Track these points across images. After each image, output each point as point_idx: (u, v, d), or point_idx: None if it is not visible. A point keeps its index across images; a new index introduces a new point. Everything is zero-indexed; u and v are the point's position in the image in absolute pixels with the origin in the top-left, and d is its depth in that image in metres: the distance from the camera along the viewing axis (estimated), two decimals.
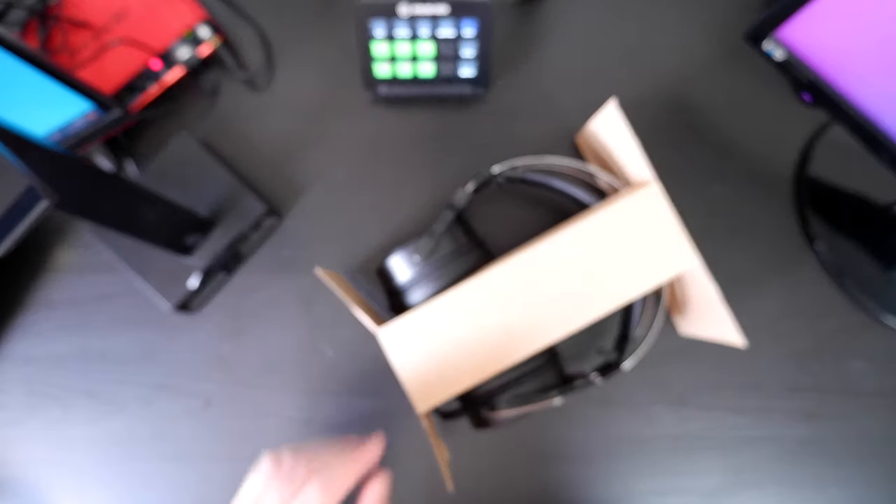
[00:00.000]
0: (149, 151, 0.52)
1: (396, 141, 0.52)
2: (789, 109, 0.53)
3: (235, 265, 0.50)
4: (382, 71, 0.49)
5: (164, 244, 0.44)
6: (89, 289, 0.50)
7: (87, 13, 0.48)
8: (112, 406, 0.48)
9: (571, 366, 0.47)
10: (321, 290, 0.50)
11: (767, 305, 0.50)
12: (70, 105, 0.40)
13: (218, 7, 0.54)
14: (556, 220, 0.47)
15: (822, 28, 0.39)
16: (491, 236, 0.48)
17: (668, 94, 0.53)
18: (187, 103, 0.52)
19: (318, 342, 0.49)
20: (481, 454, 0.48)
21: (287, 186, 0.51)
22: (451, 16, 0.45)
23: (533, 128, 0.52)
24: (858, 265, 0.49)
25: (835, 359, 0.49)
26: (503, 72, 0.53)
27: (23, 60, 0.34)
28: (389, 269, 0.43)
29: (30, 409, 0.48)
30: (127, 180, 0.38)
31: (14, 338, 0.49)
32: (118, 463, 0.48)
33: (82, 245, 0.50)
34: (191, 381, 0.49)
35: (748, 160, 0.52)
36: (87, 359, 0.49)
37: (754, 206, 0.51)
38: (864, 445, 0.48)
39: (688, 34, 0.54)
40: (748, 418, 0.48)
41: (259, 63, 0.53)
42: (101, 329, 0.49)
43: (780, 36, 0.41)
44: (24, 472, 0.48)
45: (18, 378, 0.49)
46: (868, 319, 0.49)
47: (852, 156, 0.48)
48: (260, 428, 0.48)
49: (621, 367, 0.42)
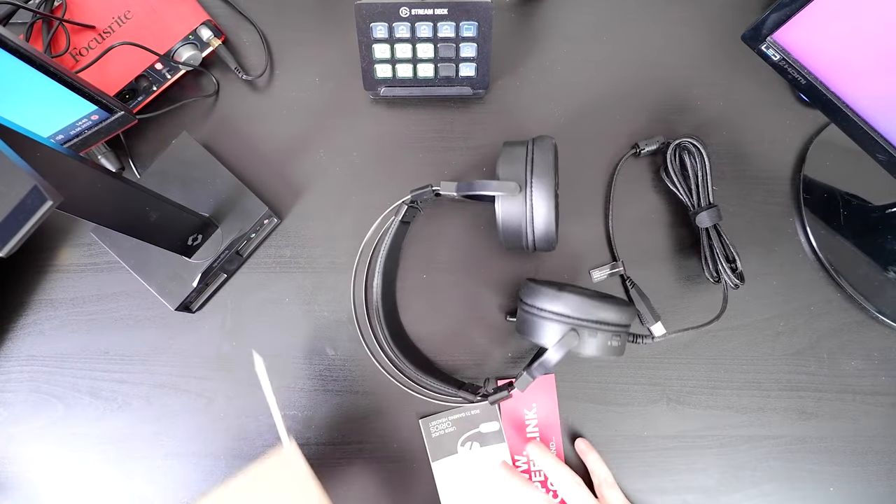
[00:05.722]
0: (150, 152, 0.52)
1: (396, 141, 0.52)
2: (788, 110, 0.53)
3: (236, 265, 0.50)
4: (382, 71, 0.49)
5: (165, 244, 0.44)
6: (91, 288, 0.50)
7: (90, 15, 0.48)
8: (114, 404, 0.49)
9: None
10: (321, 290, 0.50)
11: (765, 305, 0.50)
12: (74, 107, 0.40)
13: (219, 8, 0.54)
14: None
15: (819, 31, 0.39)
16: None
17: (668, 94, 0.53)
18: (188, 104, 0.52)
19: (318, 342, 0.49)
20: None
21: (287, 186, 0.52)
22: (450, 16, 0.45)
23: (533, 128, 0.52)
24: (856, 264, 0.50)
25: (832, 358, 0.49)
26: (503, 72, 0.53)
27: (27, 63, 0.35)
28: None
29: (32, 408, 0.49)
30: (129, 181, 0.38)
31: (17, 336, 0.50)
32: (120, 461, 0.48)
33: (85, 245, 0.51)
34: (192, 379, 0.49)
35: (746, 160, 0.52)
36: (89, 357, 0.49)
37: (752, 205, 0.51)
38: (862, 444, 0.48)
39: (687, 34, 0.54)
40: (747, 417, 0.48)
41: (259, 63, 0.53)
42: (104, 328, 0.50)
43: (778, 38, 0.41)
44: (26, 470, 0.48)
45: (21, 376, 0.49)
46: (865, 318, 0.50)
47: (850, 156, 0.49)
48: (261, 427, 0.48)
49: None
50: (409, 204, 0.47)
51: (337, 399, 0.49)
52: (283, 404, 0.48)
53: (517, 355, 0.49)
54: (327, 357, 0.49)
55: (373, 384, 0.49)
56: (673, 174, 0.49)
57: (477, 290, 0.50)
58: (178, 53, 0.50)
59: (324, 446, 0.48)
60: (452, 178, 0.52)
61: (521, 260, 0.50)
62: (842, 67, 0.40)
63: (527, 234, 0.43)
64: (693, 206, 0.48)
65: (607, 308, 0.40)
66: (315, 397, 0.49)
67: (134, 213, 0.39)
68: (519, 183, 0.42)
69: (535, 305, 0.42)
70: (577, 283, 0.50)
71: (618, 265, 0.50)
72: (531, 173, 0.42)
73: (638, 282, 0.49)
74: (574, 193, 0.51)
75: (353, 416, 0.48)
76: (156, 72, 0.50)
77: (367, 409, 0.49)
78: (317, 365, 0.49)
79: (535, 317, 0.41)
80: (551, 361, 0.40)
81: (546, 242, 0.43)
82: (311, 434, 0.48)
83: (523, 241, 0.43)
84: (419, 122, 0.53)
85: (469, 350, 0.49)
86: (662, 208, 0.51)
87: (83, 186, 0.33)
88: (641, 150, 0.50)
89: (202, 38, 0.50)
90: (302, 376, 0.49)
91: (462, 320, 0.50)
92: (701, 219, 0.47)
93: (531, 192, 0.41)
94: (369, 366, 0.49)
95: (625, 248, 0.50)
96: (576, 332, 0.39)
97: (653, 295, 0.49)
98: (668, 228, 0.51)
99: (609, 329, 0.40)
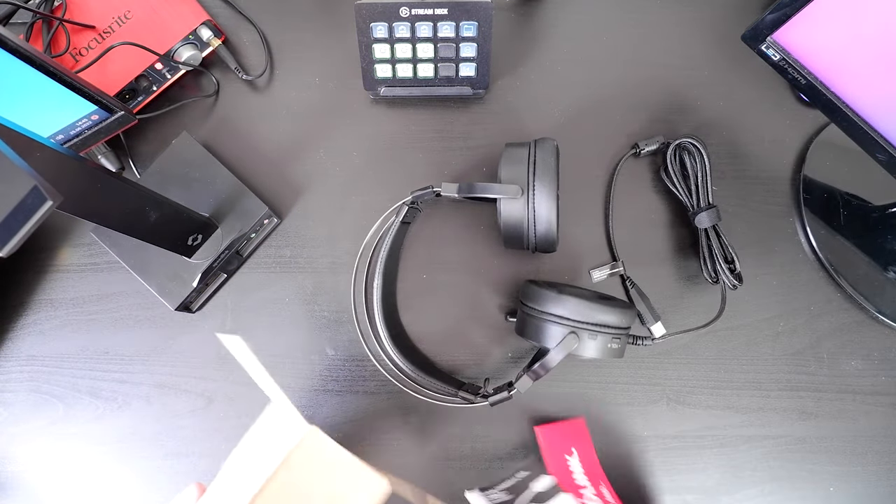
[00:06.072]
0: (150, 152, 0.52)
1: (396, 141, 0.52)
2: (788, 110, 0.53)
3: (236, 265, 0.50)
4: (382, 71, 0.49)
5: (165, 244, 0.44)
6: (92, 288, 0.50)
7: (90, 15, 0.48)
8: (114, 404, 0.49)
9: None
10: (321, 289, 0.50)
11: (765, 305, 0.50)
12: (74, 107, 0.40)
13: (219, 8, 0.54)
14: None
15: (819, 31, 0.39)
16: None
17: (668, 94, 0.53)
18: (188, 104, 0.52)
19: (318, 342, 0.49)
20: (479, 451, 0.48)
21: (287, 186, 0.52)
22: (450, 16, 0.45)
23: (533, 128, 0.52)
24: (856, 264, 0.50)
25: (832, 358, 0.49)
26: (503, 72, 0.53)
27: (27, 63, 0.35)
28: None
29: (32, 408, 0.49)
30: (129, 181, 0.38)
31: (17, 336, 0.50)
32: (120, 461, 0.48)
33: (85, 245, 0.51)
34: (192, 379, 0.49)
35: (746, 160, 0.52)
36: (89, 357, 0.49)
37: (752, 205, 0.51)
38: (862, 444, 0.48)
39: (687, 34, 0.54)
40: (747, 417, 0.48)
41: (259, 63, 0.53)
42: (104, 328, 0.50)
43: (778, 38, 0.41)
44: (26, 470, 0.48)
45: (21, 376, 0.49)
46: (865, 318, 0.50)
47: (850, 156, 0.49)
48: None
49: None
50: (410, 205, 0.47)
51: (337, 399, 0.49)
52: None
53: (517, 355, 0.49)
54: (327, 357, 0.49)
55: (373, 384, 0.49)
56: (673, 174, 0.49)
57: (477, 291, 0.50)
58: (178, 53, 0.50)
59: None
60: (452, 177, 0.52)
61: (522, 260, 0.50)
62: (842, 67, 0.40)
63: (528, 236, 0.43)
64: (692, 207, 0.48)
65: (608, 310, 0.40)
66: (315, 397, 0.49)
67: (134, 213, 0.39)
68: (521, 185, 0.42)
69: (535, 308, 0.42)
70: (577, 284, 0.50)
71: (618, 265, 0.50)
72: (533, 176, 0.42)
73: (638, 282, 0.49)
74: (574, 194, 0.51)
75: (354, 416, 0.48)
76: (156, 72, 0.50)
77: (367, 409, 0.49)
78: (317, 365, 0.49)
79: (536, 319, 0.41)
80: (551, 363, 0.40)
81: (547, 244, 0.43)
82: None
83: (524, 242, 0.43)
84: (419, 122, 0.53)
85: (469, 350, 0.49)
86: (662, 208, 0.51)
87: (83, 186, 0.33)
88: (641, 151, 0.50)
89: (202, 38, 0.50)
90: (302, 376, 0.49)
91: (462, 320, 0.50)
92: (700, 219, 0.47)
93: (533, 195, 0.41)
94: (369, 366, 0.49)
95: (625, 248, 0.50)
96: (576, 334, 0.40)
97: (653, 295, 0.49)
98: (668, 228, 0.51)
99: (609, 332, 0.40)
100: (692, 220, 0.48)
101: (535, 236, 0.42)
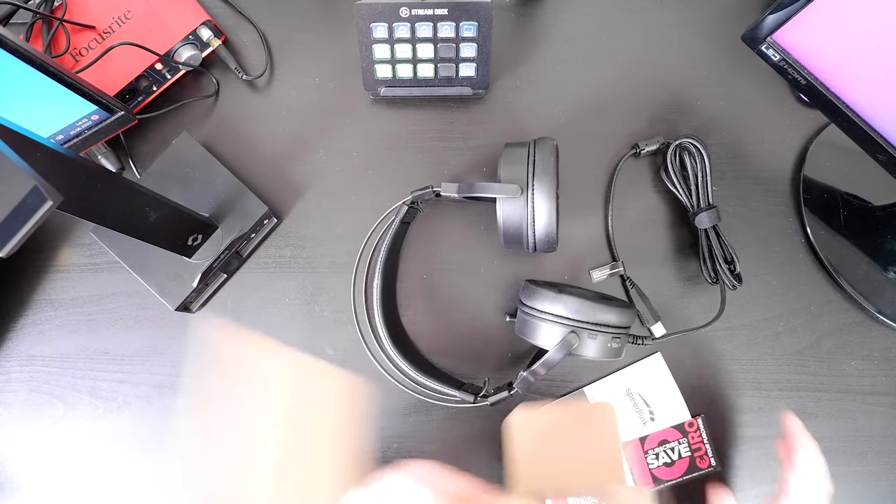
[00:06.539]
0: (150, 152, 0.52)
1: (396, 141, 0.52)
2: (788, 110, 0.53)
3: (236, 265, 0.50)
4: (382, 71, 0.49)
5: (165, 245, 0.44)
6: (91, 288, 0.50)
7: (90, 15, 0.48)
8: (114, 404, 0.49)
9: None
10: (321, 289, 0.50)
11: (765, 305, 0.50)
12: (74, 107, 0.40)
13: (219, 8, 0.54)
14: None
15: (819, 31, 0.39)
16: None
17: (668, 94, 0.53)
18: (188, 104, 0.52)
19: (318, 342, 0.49)
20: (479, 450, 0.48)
21: (287, 186, 0.52)
22: (450, 16, 0.45)
23: (533, 128, 0.52)
24: (856, 264, 0.50)
25: (832, 358, 0.49)
26: (503, 72, 0.53)
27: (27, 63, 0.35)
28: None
29: (33, 408, 0.49)
30: (129, 181, 0.38)
31: (17, 336, 0.50)
32: (120, 461, 0.48)
33: (85, 245, 0.51)
34: (192, 379, 0.49)
35: (746, 160, 0.52)
36: (89, 357, 0.49)
37: (752, 205, 0.51)
38: (862, 444, 0.48)
39: (688, 34, 0.54)
40: (746, 417, 0.48)
41: (259, 63, 0.53)
42: (103, 328, 0.50)
43: (778, 38, 0.41)
44: (26, 470, 0.48)
45: (21, 376, 0.49)
46: (865, 318, 0.50)
47: (850, 156, 0.48)
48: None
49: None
50: (410, 205, 0.47)
51: None
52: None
53: (517, 355, 0.49)
54: (327, 357, 0.49)
55: (373, 384, 0.49)
56: (673, 174, 0.49)
57: (477, 290, 0.50)
58: (178, 53, 0.50)
59: None
60: (452, 177, 0.52)
61: (521, 260, 0.50)
62: (842, 68, 0.40)
63: (528, 236, 0.43)
64: (692, 207, 0.48)
65: (607, 310, 0.40)
66: None
67: (134, 213, 0.39)
68: (520, 185, 0.42)
69: (534, 308, 0.42)
70: (577, 284, 0.50)
71: (618, 265, 0.50)
72: (532, 175, 0.42)
73: (638, 282, 0.49)
74: (574, 193, 0.51)
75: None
76: (156, 72, 0.50)
77: (366, 409, 0.48)
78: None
79: (535, 319, 0.41)
80: (551, 363, 0.40)
81: (547, 244, 0.43)
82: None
83: (524, 242, 0.43)
84: (419, 122, 0.53)
85: (469, 350, 0.49)
86: (662, 208, 0.51)
87: (83, 186, 0.33)
88: (641, 151, 0.50)
89: (202, 39, 0.50)
90: None
91: (462, 320, 0.50)
92: (700, 220, 0.47)
93: (533, 194, 0.41)
94: (369, 366, 0.49)
95: (625, 248, 0.50)
96: (576, 334, 0.40)
97: (653, 295, 0.49)
98: (669, 229, 0.51)
99: (609, 331, 0.40)
100: (692, 221, 0.48)
101: (534, 236, 0.42)
